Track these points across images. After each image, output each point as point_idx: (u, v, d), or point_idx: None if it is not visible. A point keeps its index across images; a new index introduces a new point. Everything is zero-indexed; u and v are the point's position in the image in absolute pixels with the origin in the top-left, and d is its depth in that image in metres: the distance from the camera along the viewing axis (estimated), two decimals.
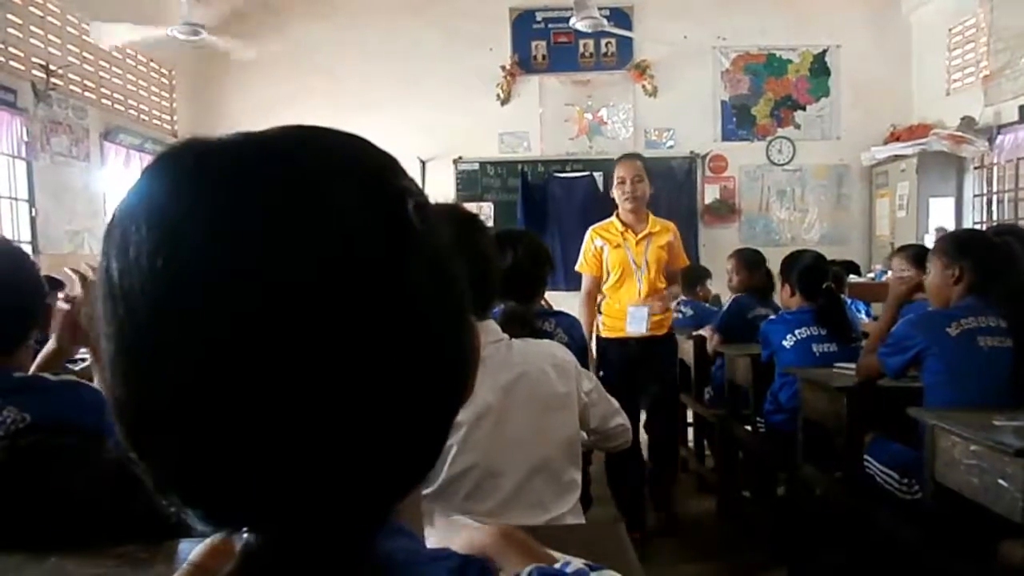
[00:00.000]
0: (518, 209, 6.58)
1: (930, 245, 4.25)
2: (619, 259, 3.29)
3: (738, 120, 6.80)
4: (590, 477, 2.66)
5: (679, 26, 6.61)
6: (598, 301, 3.42)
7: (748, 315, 3.72)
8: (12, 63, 4.42)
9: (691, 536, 3.40)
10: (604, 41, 6.64)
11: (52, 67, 4.68)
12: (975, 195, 5.82)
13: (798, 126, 6.79)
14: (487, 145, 6.71)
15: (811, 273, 3.14)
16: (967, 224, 5.72)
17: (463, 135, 6.59)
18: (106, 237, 0.39)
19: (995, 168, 5.64)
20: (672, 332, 3.51)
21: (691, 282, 4.44)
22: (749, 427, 3.39)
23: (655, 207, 3.52)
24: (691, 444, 4.25)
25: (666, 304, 3.35)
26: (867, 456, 2.47)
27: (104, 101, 5.40)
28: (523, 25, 6.70)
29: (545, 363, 1.45)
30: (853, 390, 2.46)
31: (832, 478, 2.61)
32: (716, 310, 4.18)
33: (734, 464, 3.61)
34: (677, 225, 3.52)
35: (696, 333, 3.89)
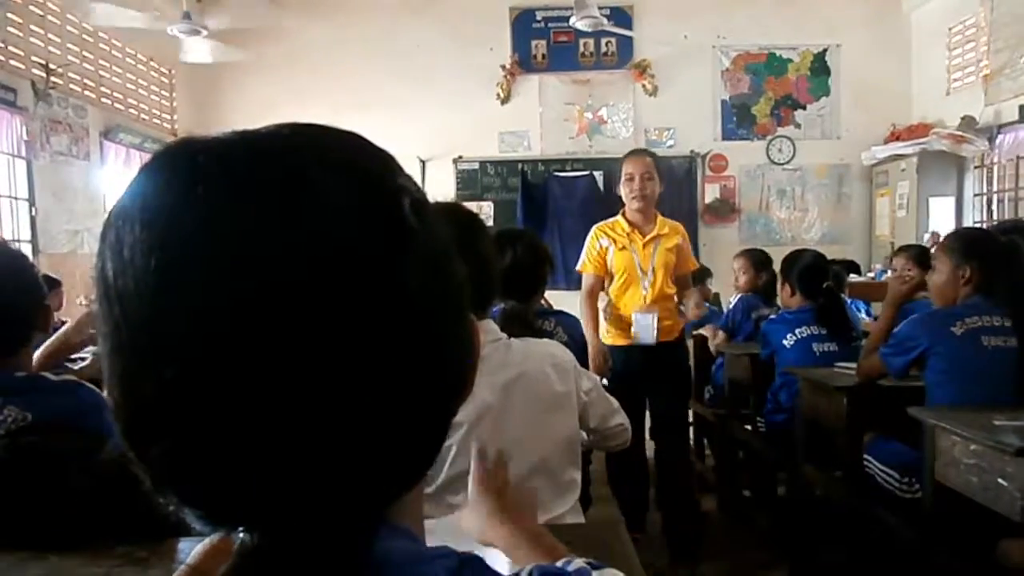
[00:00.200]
0: (518, 208, 6.58)
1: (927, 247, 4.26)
2: (624, 262, 3.06)
3: (738, 119, 6.79)
4: (590, 477, 2.66)
5: (679, 25, 6.61)
6: (602, 305, 3.18)
7: (753, 315, 3.73)
8: (12, 62, 4.42)
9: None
10: (604, 40, 6.64)
11: (52, 66, 4.68)
12: (975, 194, 5.82)
13: (798, 125, 6.79)
14: (487, 144, 6.71)
15: (811, 272, 3.14)
16: (967, 224, 5.72)
17: (463, 134, 6.58)
18: (102, 237, 0.38)
19: (995, 167, 5.64)
20: (683, 337, 3.25)
21: (692, 281, 4.43)
22: (749, 426, 3.40)
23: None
24: (691, 443, 4.24)
25: (699, 312, 3.24)
26: (867, 455, 2.47)
27: (104, 100, 5.40)
28: (523, 24, 6.70)
29: (544, 363, 1.45)
30: (853, 389, 2.46)
31: (832, 477, 2.61)
32: (716, 309, 4.18)
33: (734, 463, 3.61)
34: None
35: (696, 332, 3.89)
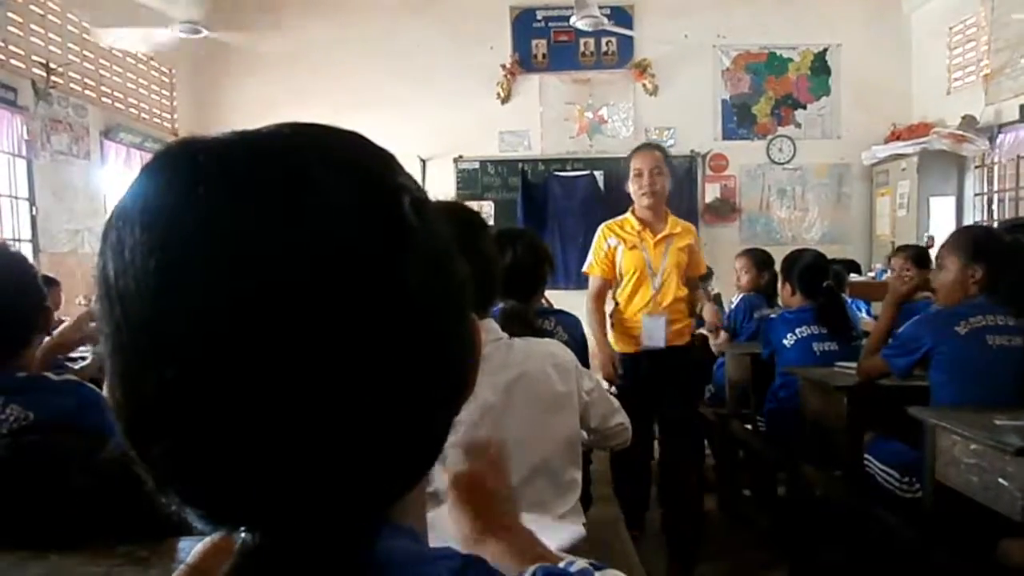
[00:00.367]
0: (518, 208, 6.58)
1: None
2: (635, 262, 2.90)
3: (739, 119, 6.79)
4: (590, 476, 2.66)
5: (680, 25, 6.60)
6: (608, 311, 3.05)
7: (755, 315, 3.73)
8: (12, 61, 4.42)
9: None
10: (604, 40, 6.64)
11: (52, 65, 4.68)
12: (976, 194, 5.82)
13: (799, 125, 6.79)
14: (487, 144, 6.71)
15: (811, 272, 3.14)
16: (967, 223, 5.71)
17: (463, 134, 6.58)
18: (103, 237, 0.39)
19: (996, 167, 5.64)
20: (694, 342, 3.10)
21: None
22: (750, 426, 3.40)
23: None
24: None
25: (717, 318, 3.11)
26: (867, 455, 2.47)
27: (104, 99, 5.40)
28: (523, 24, 6.70)
29: (546, 362, 1.44)
30: (853, 389, 2.46)
31: (832, 477, 2.61)
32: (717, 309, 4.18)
33: (734, 463, 3.61)
34: None
35: (698, 332, 3.89)
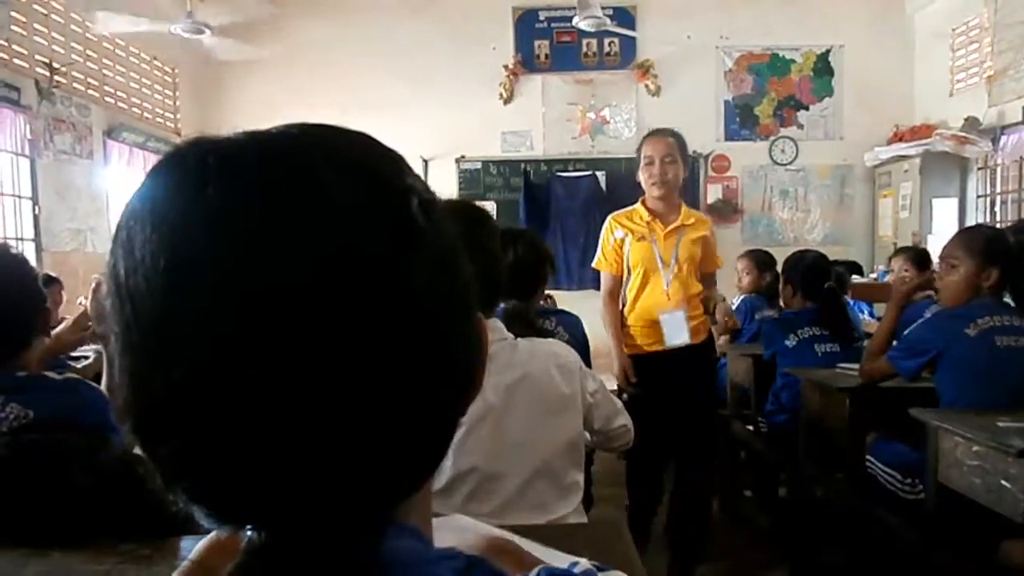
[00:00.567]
0: (520, 208, 6.57)
1: (931, 249, 4.25)
2: (643, 254, 2.73)
3: (741, 120, 6.78)
4: (592, 477, 2.66)
5: (682, 26, 6.60)
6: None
7: (757, 316, 3.73)
8: (16, 61, 4.42)
9: None
10: (607, 40, 6.63)
11: (56, 65, 4.68)
12: (978, 196, 5.80)
13: (801, 126, 6.77)
14: (490, 144, 6.71)
15: (812, 273, 3.14)
16: (970, 225, 5.71)
17: (466, 134, 6.58)
18: (114, 237, 0.39)
19: (999, 169, 5.63)
20: (711, 340, 2.89)
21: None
22: (751, 427, 3.39)
23: None
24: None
25: (730, 319, 2.89)
26: (869, 456, 2.47)
27: (107, 99, 5.40)
28: (526, 24, 6.70)
29: (550, 364, 1.44)
30: (855, 390, 2.45)
31: (834, 478, 2.61)
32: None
33: (736, 464, 3.61)
34: None
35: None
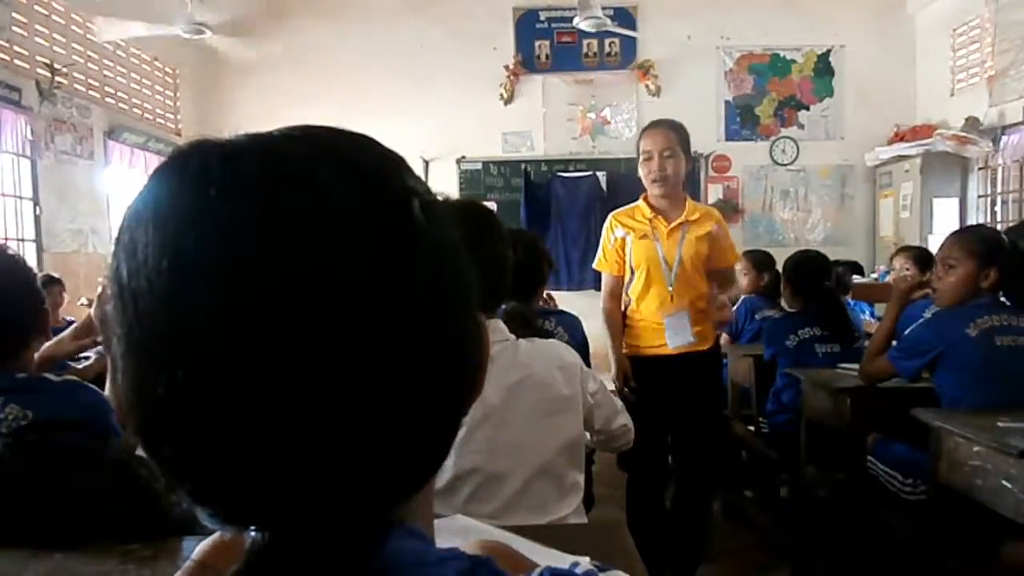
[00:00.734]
0: (521, 209, 6.57)
1: (932, 249, 4.25)
2: (645, 253, 2.59)
3: (742, 120, 6.78)
4: (592, 477, 2.65)
5: (683, 26, 6.60)
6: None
7: (757, 316, 3.73)
8: (17, 62, 4.43)
9: None
10: (608, 41, 6.63)
11: (56, 66, 4.68)
12: (979, 196, 5.81)
13: (802, 126, 6.78)
14: (490, 145, 6.71)
15: (811, 273, 3.14)
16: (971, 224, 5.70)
17: (466, 134, 6.58)
18: (117, 239, 0.39)
19: (999, 169, 5.63)
20: (717, 347, 2.74)
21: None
22: (752, 427, 3.39)
23: None
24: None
25: (724, 313, 2.59)
26: (870, 456, 2.47)
27: (108, 100, 5.41)
28: (526, 25, 6.70)
29: (551, 365, 1.44)
30: (856, 391, 2.45)
31: (835, 478, 2.61)
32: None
33: (737, 464, 3.61)
34: None
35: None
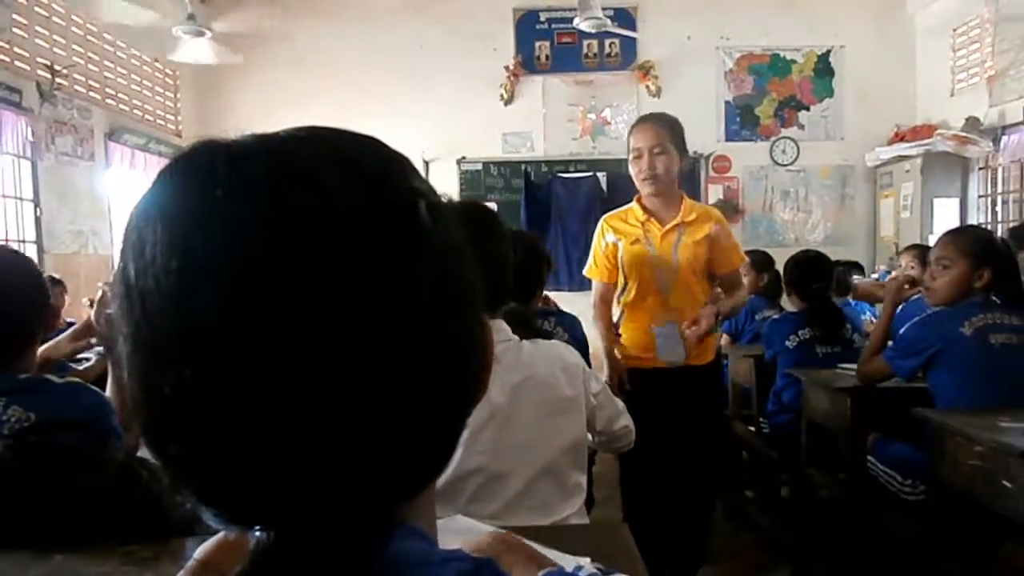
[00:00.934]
0: (521, 209, 6.57)
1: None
2: (637, 259, 2.45)
3: (742, 120, 6.78)
4: (593, 478, 2.65)
5: (683, 26, 6.60)
6: (616, 317, 2.60)
7: (757, 316, 3.73)
8: (17, 63, 4.42)
9: None
10: (608, 41, 6.63)
11: (57, 67, 4.68)
12: (979, 196, 5.81)
13: (802, 126, 6.77)
14: (490, 145, 6.70)
15: (807, 274, 3.14)
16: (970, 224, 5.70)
17: (466, 135, 6.58)
18: (124, 238, 0.39)
19: (1000, 169, 5.63)
20: (719, 359, 2.61)
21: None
22: (752, 427, 3.39)
23: None
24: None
25: (707, 325, 2.38)
26: (870, 457, 2.47)
27: (109, 101, 5.41)
28: (526, 25, 6.70)
29: (555, 365, 1.44)
30: (857, 391, 2.45)
31: (835, 479, 2.61)
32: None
33: (737, 464, 3.61)
34: None
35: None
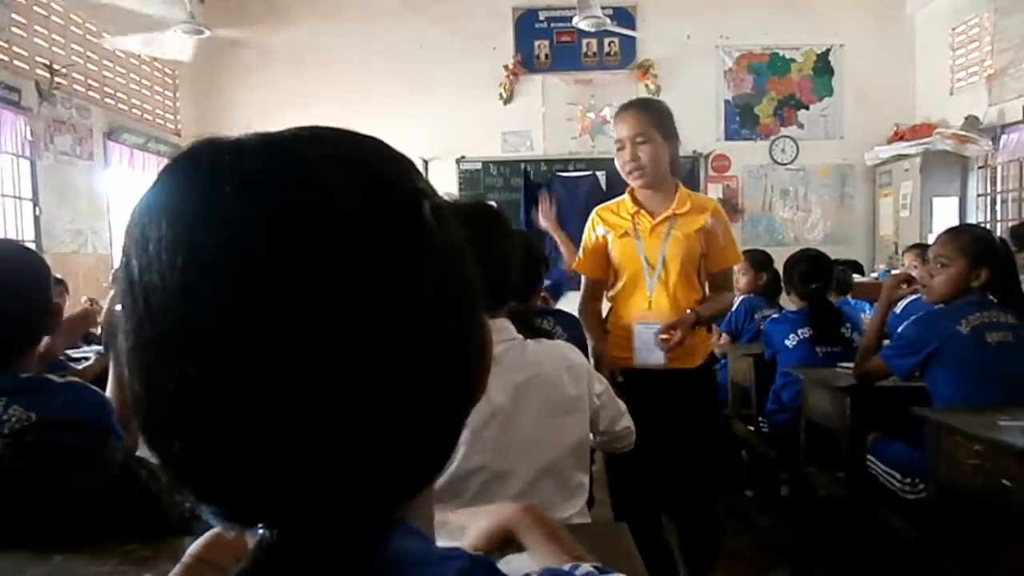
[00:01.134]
0: (520, 208, 6.57)
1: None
2: (626, 253, 2.32)
3: (741, 119, 6.79)
4: (593, 478, 2.65)
5: (682, 25, 6.60)
6: (604, 314, 2.46)
7: (756, 316, 3.73)
8: (16, 62, 4.42)
9: None
10: (607, 40, 6.64)
11: (56, 66, 4.68)
12: (979, 195, 5.81)
13: (801, 125, 6.78)
14: (490, 144, 6.71)
15: (804, 273, 3.14)
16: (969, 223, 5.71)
17: (466, 134, 6.58)
18: (126, 234, 0.39)
19: (999, 168, 5.64)
20: (711, 363, 2.40)
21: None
22: (752, 427, 3.39)
23: None
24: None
25: (682, 335, 2.19)
26: (870, 456, 2.47)
27: (108, 100, 5.41)
28: (526, 24, 6.70)
29: (559, 365, 1.44)
30: (856, 390, 2.45)
31: (835, 478, 2.61)
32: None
33: (737, 463, 3.61)
34: None
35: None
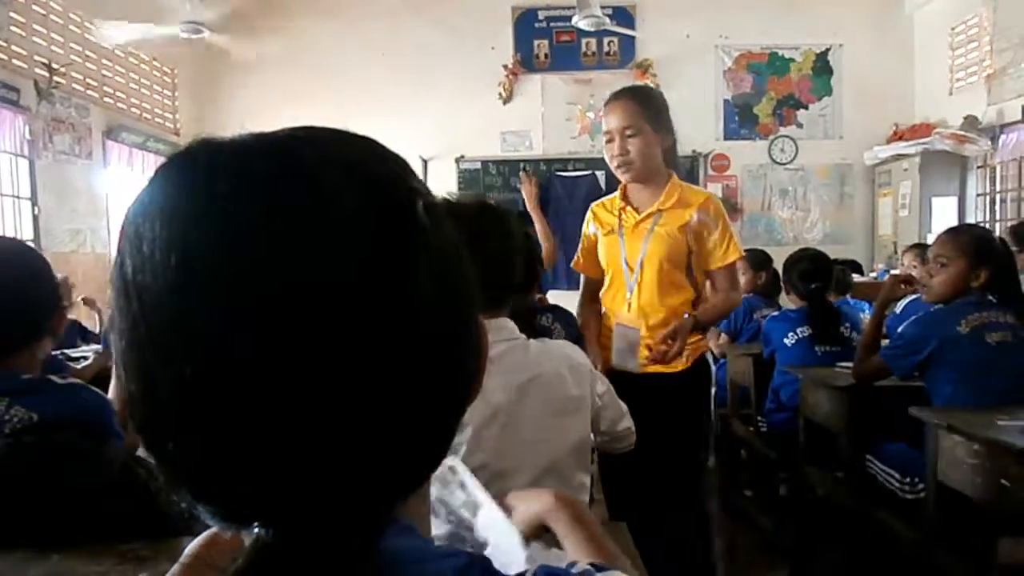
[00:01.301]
0: (520, 208, 6.57)
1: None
2: (610, 252, 2.22)
3: (740, 119, 6.78)
4: (593, 476, 2.65)
5: (681, 25, 6.60)
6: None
7: (755, 315, 3.73)
8: (15, 61, 4.42)
9: None
10: (606, 40, 6.63)
11: (55, 65, 4.68)
12: (978, 194, 5.81)
13: (800, 125, 6.78)
14: (489, 144, 6.70)
15: (803, 273, 3.14)
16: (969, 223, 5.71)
17: (465, 134, 6.58)
18: (121, 234, 0.39)
19: (998, 167, 5.64)
20: (702, 366, 2.23)
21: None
22: (751, 426, 3.40)
23: None
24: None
25: (679, 348, 2.06)
26: (869, 455, 2.47)
27: (107, 99, 5.40)
28: (525, 24, 6.70)
29: (561, 365, 1.43)
30: (855, 389, 2.45)
31: (834, 478, 2.61)
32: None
33: (736, 463, 3.61)
34: None
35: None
